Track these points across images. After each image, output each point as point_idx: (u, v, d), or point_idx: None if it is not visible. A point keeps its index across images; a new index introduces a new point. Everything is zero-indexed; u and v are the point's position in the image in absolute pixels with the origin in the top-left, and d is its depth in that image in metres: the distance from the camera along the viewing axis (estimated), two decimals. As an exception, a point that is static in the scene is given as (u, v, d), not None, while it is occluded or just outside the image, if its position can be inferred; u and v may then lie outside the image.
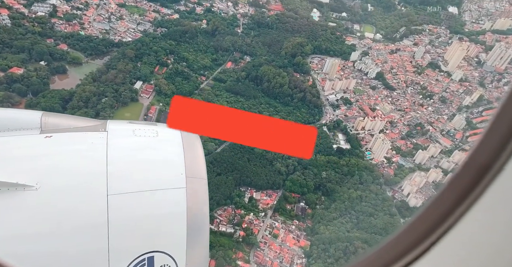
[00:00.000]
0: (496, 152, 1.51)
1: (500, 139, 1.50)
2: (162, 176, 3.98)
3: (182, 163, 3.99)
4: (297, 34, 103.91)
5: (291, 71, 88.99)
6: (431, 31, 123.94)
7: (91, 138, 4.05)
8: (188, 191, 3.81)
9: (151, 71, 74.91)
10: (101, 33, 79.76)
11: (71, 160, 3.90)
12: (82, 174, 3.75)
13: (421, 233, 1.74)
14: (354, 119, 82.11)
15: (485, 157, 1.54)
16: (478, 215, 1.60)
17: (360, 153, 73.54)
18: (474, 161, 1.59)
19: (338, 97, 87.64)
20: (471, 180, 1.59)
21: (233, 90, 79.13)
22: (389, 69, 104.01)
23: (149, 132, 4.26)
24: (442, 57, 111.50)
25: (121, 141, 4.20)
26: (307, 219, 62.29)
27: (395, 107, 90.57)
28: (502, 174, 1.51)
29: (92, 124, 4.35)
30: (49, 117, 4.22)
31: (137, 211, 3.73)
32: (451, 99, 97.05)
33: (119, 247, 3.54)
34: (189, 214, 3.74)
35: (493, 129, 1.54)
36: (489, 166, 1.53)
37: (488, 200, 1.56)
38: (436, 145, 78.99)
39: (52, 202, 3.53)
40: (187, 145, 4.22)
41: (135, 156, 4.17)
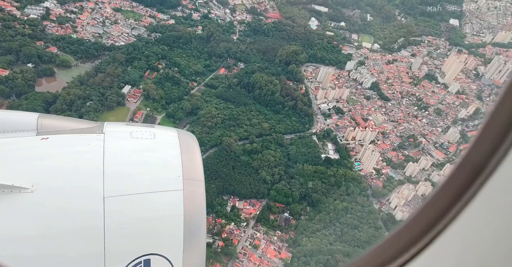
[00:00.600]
0: (489, 152, 1.52)
1: (493, 139, 1.50)
2: (159, 178, 3.92)
3: (179, 165, 3.94)
4: (293, 42, 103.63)
5: (284, 79, 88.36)
6: (430, 42, 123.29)
7: (88, 140, 4.00)
8: (185, 193, 3.76)
9: (140, 76, 74.53)
10: (94, 36, 79.78)
11: (68, 162, 3.84)
12: (78, 176, 3.70)
13: (417, 233, 1.77)
14: (345, 129, 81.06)
15: (479, 157, 1.55)
16: (472, 214, 1.61)
17: (348, 164, 72.24)
18: (468, 161, 1.60)
19: (330, 107, 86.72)
20: (465, 180, 1.61)
21: (224, 97, 78.50)
22: (385, 79, 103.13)
23: (146, 134, 4.20)
24: (440, 69, 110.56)
25: (118, 143, 4.15)
26: (291, 230, 60.88)
27: (388, 118, 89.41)
28: (496, 174, 1.52)
29: (89, 126, 4.29)
30: (45, 119, 4.18)
31: (133, 214, 3.68)
32: (447, 112, 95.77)
33: (116, 250, 3.50)
34: (186, 216, 3.69)
35: (486, 129, 1.55)
36: (483, 166, 1.54)
37: (482, 199, 1.58)
38: (427, 157, 77.52)
39: (48, 204, 3.49)
40: (184, 147, 4.17)
41: (132, 158, 4.11)
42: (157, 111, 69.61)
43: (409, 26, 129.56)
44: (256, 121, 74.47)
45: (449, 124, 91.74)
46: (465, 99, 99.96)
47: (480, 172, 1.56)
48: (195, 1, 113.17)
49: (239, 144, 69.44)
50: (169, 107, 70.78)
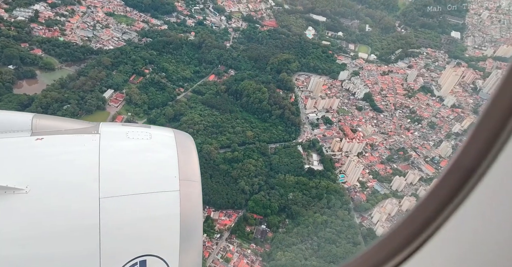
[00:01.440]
0: (480, 156, 1.53)
1: (484, 143, 1.52)
2: (155, 179, 3.85)
3: (175, 165, 3.90)
4: (286, 51, 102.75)
5: (273, 87, 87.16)
6: (428, 54, 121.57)
7: (83, 140, 3.93)
8: (182, 194, 3.71)
9: (125, 80, 73.73)
10: (83, 40, 79.52)
11: (63, 163, 3.78)
12: (73, 176, 3.63)
13: (408, 236, 1.81)
14: (332, 140, 79.28)
15: (469, 161, 1.57)
16: (463, 218, 1.63)
17: (332, 175, 70.28)
18: (459, 165, 1.62)
19: (319, 116, 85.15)
20: (456, 184, 1.63)
21: (209, 103, 77.43)
22: (378, 90, 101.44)
23: (143, 134, 4.14)
24: (436, 82, 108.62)
25: (113, 143, 4.07)
26: (266, 243, 58.87)
27: (378, 130, 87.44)
28: (486, 177, 1.53)
29: (84, 127, 4.20)
30: (40, 119, 4.09)
31: (129, 214, 3.61)
32: (440, 125, 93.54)
33: (111, 251, 3.46)
34: (182, 217, 3.64)
35: (477, 134, 1.57)
36: (473, 170, 1.56)
37: (473, 203, 1.59)
38: (415, 171, 75.22)
39: (43, 205, 3.43)
40: (180, 147, 4.12)
41: (128, 158, 4.03)
42: (139, 116, 68.62)
43: (408, 37, 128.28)
44: (240, 129, 73.16)
45: (442, 138, 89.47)
46: (461, 113, 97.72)
47: (471, 176, 1.57)
48: (191, 7, 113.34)
49: (220, 152, 68.11)
50: (151, 112, 69.83)
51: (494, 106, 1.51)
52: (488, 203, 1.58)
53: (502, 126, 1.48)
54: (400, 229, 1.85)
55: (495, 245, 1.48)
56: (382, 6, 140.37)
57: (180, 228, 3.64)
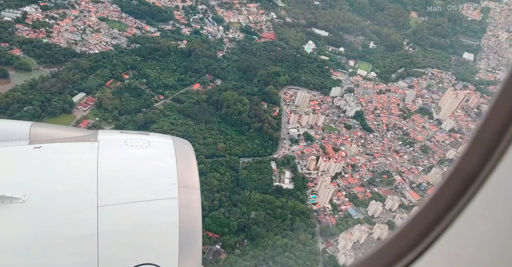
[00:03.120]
0: (481, 161, 1.53)
1: (485, 148, 1.52)
2: (154, 186, 3.79)
3: (174, 172, 3.85)
4: (279, 63, 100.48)
5: (256, 100, 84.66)
6: (434, 75, 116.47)
7: (82, 148, 3.91)
8: (181, 201, 3.67)
9: (100, 84, 72.77)
10: (69, 43, 79.70)
11: (61, 171, 3.74)
12: (71, 185, 3.60)
13: (411, 240, 1.79)
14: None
15: (471, 166, 1.56)
16: (466, 223, 1.62)
17: (301, 195, 66.24)
18: (461, 169, 1.62)
19: (300, 132, 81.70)
20: (458, 188, 1.62)
21: (186, 112, 75.53)
22: (372, 109, 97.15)
23: (141, 142, 4.09)
24: (436, 104, 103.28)
25: (112, 151, 4.02)
26: (218, 266, 55.32)
27: (363, 150, 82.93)
28: (489, 182, 1.53)
29: (82, 135, 4.17)
30: (38, 128, 4.07)
31: (128, 222, 3.56)
32: (434, 150, 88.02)
33: (109, 260, 3.42)
34: (181, 224, 3.59)
35: (478, 138, 1.56)
36: (475, 175, 1.56)
37: (475, 208, 1.59)
38: (394, 197, 70.18)
39: (40, 214, 3.37)
40: (179, 154, 4.06)
41: (127, 166, 3.97)
42: (107, 122, 67.21)
43: (414, 56, 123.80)
44: (211, 141, 70.70)
45: (434, 164, 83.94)
46: (458, 139, 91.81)
47: (473, 181, 1.56)
48: (190, 17, 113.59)
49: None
50: (121, 118, 68.51)
51: (495, 110, 1.49)
52: (491, 208, 1.52)
53: (503, 130, 1.46)
54: (402, 235, 1.80)
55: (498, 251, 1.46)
56: (391, 23, 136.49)
57: (179, 236, 3.55)
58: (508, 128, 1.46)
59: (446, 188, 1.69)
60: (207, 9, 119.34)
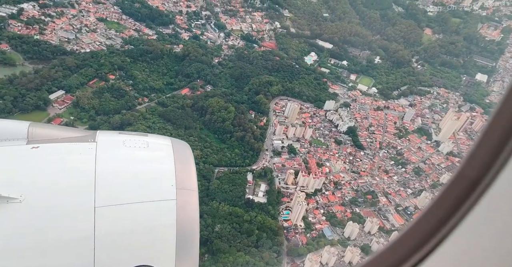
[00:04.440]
0: (485, 167, 1.53)
1: (489, 153, 1.51)
2: (151, 188, 3.74)
3: (172, 174, 3.80)
4: (274, 73, 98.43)
5: (243, 108, 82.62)
6: (440, 95, 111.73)
7: (80, 149, 3.90)
8: (178, 203, 3.60)
9: (82, 83, 72.21)
10: (61, 41, 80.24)
11: (58, 171, 3.69)
12: (69, 185, 3.56)
13: (413, 246, 1.80)
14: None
15: (474, 172, 1.57)
16: (468, 229, 1.62)
17: (273, 210, 63.03)
18: (464, 175, 1.62)
19: (285, 144, 78.89)
20: (460, 194, 1.62)
21: (167, 116, 74.10)
22: (367, 126, 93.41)
23: (140, 143, 4.07)
24: (437, 125, 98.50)
25: (110, 152, 3.99)
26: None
27: (350, 168, 79.21)
28: (492, 188, 1.53)
29: (81, 135, 4.14)
30: (36, 128, 4.05)
31: (125, 224, 3.52)
32: (428, 173, 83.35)
33: (106, 261, 3.38)
34: (178, 226, 3.52)
35: (482, 144, 1.56)
36: (478, 180, 1.56)
37: (478, 214, 1.59)
38: (373, 219, 66.03)
39: (37, 214, 3.34)
40: (178, 156, 4.03)
41: (125, 167, 3.93)
42: (82, 121, 66.20)
43: (421, 74, 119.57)
44: (187, 147, 68.68)
45: (425, 187, 79.28)
46: (456, 163, 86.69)
47: (476, 187, 1.56)
48: (192, 22, 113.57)
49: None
50: (97, 118, 67.66)
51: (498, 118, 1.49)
52: (493, 214, 1.52)
53: (507, 137, 1.45)
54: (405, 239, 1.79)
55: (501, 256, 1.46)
56: (402, 39, 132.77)
57: (176, 238, 3.50)
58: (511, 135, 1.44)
59: (449, 192, 1.65)
60: (210, 15, 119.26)
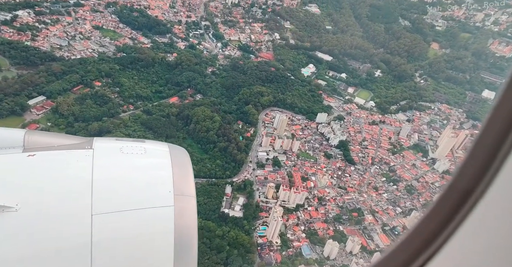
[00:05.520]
0: (477, 178, 1.55)
1: (480, 164, 1.54)
2: (149, 194, 3.72)
3: (170, 180, 3.80)
4: (267, 84, 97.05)
5: (230, 118, 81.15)
6: (441, 111, 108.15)
7: (77, 156, 3.87)
8: (176, 209, 3.59)
9: (65, 89, 71.88)
10: (53, 47, 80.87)
11: (55, 179, 3.67)
12: (66, 193, 3.54)
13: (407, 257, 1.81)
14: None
15: (466, 183, 1.59)
16: (461, 240, 1.64)
17: (248, 225, 60.47)
18: (456, 187, 1.64)
19: (270, 156, 76.67)
20: (453, 206, 1.64)
21: (149, 125, 73.10)
22: (360, 140, 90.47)
23: (137, 149, 4.08)
24: (435, 142, 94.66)
25: (107, 159, 4.00)
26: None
27: (336, 183, 76.21)
28: (484, 199, 1.54)
29: (78, 142, 4.11)
30: (33, 135, 4.02)
31: (122, 231, 3.50)
32: (421, 191, 79.52)
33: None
34: (176, 233, 3.50)
35: (473, 155, 1.57)
36: (470, 192, 1.58)
37: (471, 225, 1.60)
38: (354, 239, 62.63)
39: (33, 223, 3.30)
40: (175, 161, 4.02)
41: (122, 174, 3.92)
42: (59, 127, 65.22)
43: (423, 89, 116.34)
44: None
45: (416, 207, 75.46)
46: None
47: (468, 198, 1.57)
48: (190, 31, 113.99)
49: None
50: (75, 125, 67.11)
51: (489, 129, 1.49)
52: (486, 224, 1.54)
53: (498, 147, 1.47)
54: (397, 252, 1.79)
55: None
56: (406, 53, 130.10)
57: (174, 244, 3.48)
58: (502, 144, 1.46)
59: (442, 204, 1.64)
60: (210, 25, 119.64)
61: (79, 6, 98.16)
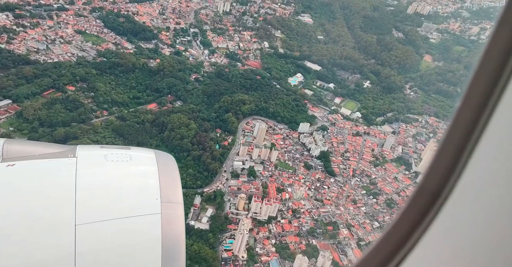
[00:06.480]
0: (443, 179, 1.61)
1: (446, 166, 1.59)
2: (135, 202, 3.64)
3: (156, 187, 3.69)
4: (251, 92, 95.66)
5: (207, 126, 79.40)
6: (428, 123, 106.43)
7: (59, 165, 3.73)
8: (163, 217, 3.50)
9: (34, 93, 69.96)
10: (29, 51, 79.50)
11: (35, 189, 3.52)
12: (47, 203, 3.41)
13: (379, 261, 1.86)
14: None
15: (434, 184, 1.64)
16: (432, 239, 1.69)
17: (213, 238, 58.08)
18: (425, 188, 1.69)
19: (246, 166, 74.62)
20: (423, 207, 1.69)
21: (120, 131, 71.19)
22: (342, 151, 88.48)
23: (122, 156, 3.99)
24: (419, 155, 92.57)
25: (91, 167, 3.89)
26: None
27: (313, 195, 73.93)
28: (450, 199, 1.61)
29: (60, 150, 3.99)
30: (12, 144, 3.88)
31: (107, 241, 3.38)
32: (400, 206, 76.87)
33: None
34: (164, 241, 3.40)
35: (439, 157, 1.62)
36: (438, 193, 1.64)
37: (439, 224, 1.66)
38: (326, 253, 60.09)
39: (13, 235, 3.18)
40: (162, 168, 3.93)
41: (107, 181, 3.83)
42: (22, 132, 63.49)
43: (412, 101, 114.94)
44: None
45: (395, 221, 72.89)
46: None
47: (437, 198, 1.64)
48: (177, 38, 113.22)
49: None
50: (39, 130, 64.96)
51: (453, 130, 1.55)
52: (454, 224, 1.59)
53: (461, 149, 1.53)
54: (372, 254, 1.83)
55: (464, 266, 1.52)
56: (397, 65, 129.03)
57: (161, 252, 3.38)
58: (464, 147, 1.52)
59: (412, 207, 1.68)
60: (198, 32, 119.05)
61: (63, 10, 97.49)
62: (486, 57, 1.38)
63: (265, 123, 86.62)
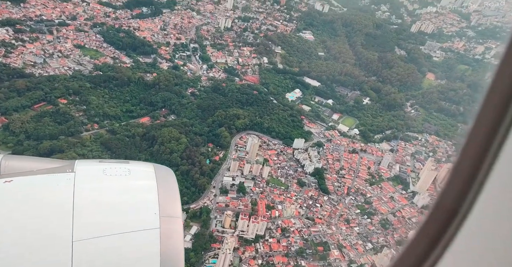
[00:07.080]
0: (460, 196, 1.57)
1: (463, 183, 1.56)
2: (134, 217, 3.63)
3: (155, 202, 3.70)
4: (247, 107, 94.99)
5: (199, 140, 78.42)
6: (428, 142, 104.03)
7: (57, 180, 3.72)
8: (162, 232, 3.50)
9: (24, 106, 69.92)
10: (26, 64, 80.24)
11: (33, 205, 3.50)
12: (45, 220, 3.39)
13: None
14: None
15: (451, 202, 1.60)
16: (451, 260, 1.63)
17: (195, 258, 55.89)
18: (441, 207, 1.65)
19: (236, 182, 73.00)
20: (440, 225, 1.64)
21: (108, 145, 70.45)
22: (337, 169, 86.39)
23: (121, 170, 3.97)
24: (417, 174, 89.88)
25: (90, 182, 3.85)
26: None
27: (304, 213, 71.64)
28: (470, 217, 1.56)
29: (58, 166, 3.98)
30: (10, 160, 3.87)
31: (105, 256, 3.34)
32: (396, 227, 74.27)
33: None
34: (162, 256, 3.40)
35: (455, 174, 1.59)
36: (456, 211, 1.59)
37: (459, 244, 1.60)
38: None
39: (11, 252, 3.14)
40: (161, 182, 3.92)
41: (105, 197, 3.79)
42: (7, 146, 62.62)
43: (412, 119, 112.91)
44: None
45: (389, 243, 70.04)
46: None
47: (454, 217, 1.58)
48: (176, 53, 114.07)
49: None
50: (24, 143, 63.99)
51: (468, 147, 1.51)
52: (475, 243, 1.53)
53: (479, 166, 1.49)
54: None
55: None
56: (398, 83, 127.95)
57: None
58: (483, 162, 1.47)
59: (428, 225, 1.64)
60: (198, 47, 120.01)
61: (64, 25, 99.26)
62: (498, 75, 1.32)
63: (258, 138, 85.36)
